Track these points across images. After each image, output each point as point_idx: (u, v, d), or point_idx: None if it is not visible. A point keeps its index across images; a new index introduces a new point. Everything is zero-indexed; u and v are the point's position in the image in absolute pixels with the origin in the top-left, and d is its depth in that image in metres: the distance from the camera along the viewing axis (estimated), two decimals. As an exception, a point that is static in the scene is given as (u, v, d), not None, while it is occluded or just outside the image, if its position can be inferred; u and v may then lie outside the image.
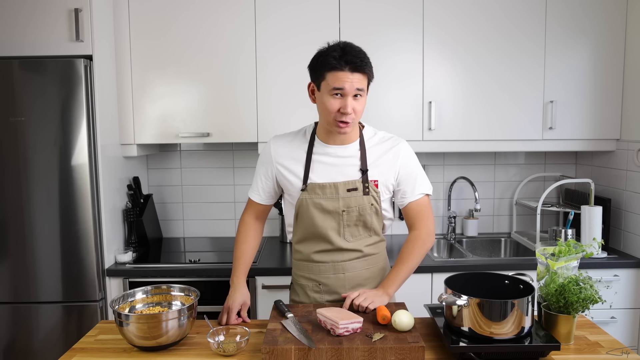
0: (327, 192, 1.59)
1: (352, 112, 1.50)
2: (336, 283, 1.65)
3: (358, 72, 1.48)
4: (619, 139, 2.55)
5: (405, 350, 1.27)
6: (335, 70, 1.47)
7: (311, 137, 1.64)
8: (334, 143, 1.61)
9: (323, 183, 1.59)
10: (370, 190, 1.59)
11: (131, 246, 2.54)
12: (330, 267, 1.64)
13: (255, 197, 1.71)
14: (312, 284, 1.68)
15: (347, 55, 1.47)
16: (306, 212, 1.61)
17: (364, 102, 1.54)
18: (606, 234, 2.53)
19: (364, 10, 2.44)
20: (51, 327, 2.23)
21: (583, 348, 1.40)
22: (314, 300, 1.68)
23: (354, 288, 1.64)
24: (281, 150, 1.65)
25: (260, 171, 1.69)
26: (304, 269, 1.69)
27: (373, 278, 1.69)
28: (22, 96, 2.14)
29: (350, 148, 1.61)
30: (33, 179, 2.17)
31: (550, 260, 1.48)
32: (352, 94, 1.49)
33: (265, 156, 1.68)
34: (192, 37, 2.43)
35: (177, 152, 2.88)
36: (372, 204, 1.60)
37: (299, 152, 1.63)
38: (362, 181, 1.59)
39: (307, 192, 1.60)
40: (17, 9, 2.17)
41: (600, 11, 2.48)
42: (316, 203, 1.59)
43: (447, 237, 2.84)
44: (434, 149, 2.53)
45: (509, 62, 2.49)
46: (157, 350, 1.40)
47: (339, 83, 1.47)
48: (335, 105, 1.50)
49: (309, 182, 1.60)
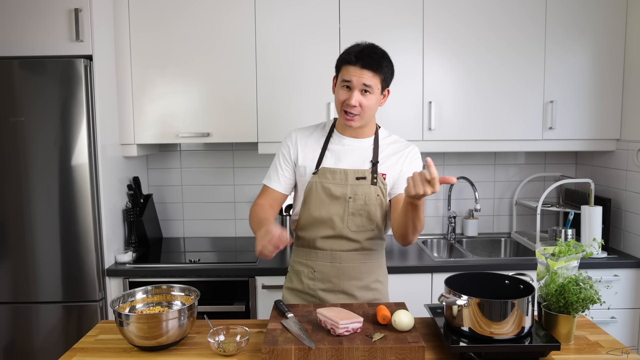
0: (336, 178, 1.65)
1: (356, 104, 1.57)
2: (331, 272, 1.68)
3: (368, 69, 1.56)
4: (619, 139, 2.55)
5: (405, 350, 1.27)
6: (347, 64, 1.58)
7: (330, 129, 1.73)
8: (350, 135, 1.69)
9: (334, 168, 1.66)
10: (378, 181, 1.65)
11: (131, 246, 2.54)
12: (327, 255, 1.68)
13: (273, 184, 1.72)
14: (307, 271, 1.71)
15: (362, 52, 1.57)
16: (315, 195, 1.66)
17: (374, 100, 1.60)
18: (606, 234, 2.53)
19: (364, 10, 2.44)
20: (51, 327, 2.23)
21: (583, 348, 1.40)
22: (307, 287, 1.71)
23: (349, 280, 1.68)
24: (302, 138, 1.73)
25: (280, 158, 1.74)
26: (302, 255, 1.74)
27: (369, 273, 1.72)
28: (22, 96, 2.14)
29: (365, 142, 1.69)
30: (33, 179, 2.17)
31: (550, 260, 1.48)
32: (359, 88, 1.57)
33: (286, 143, 1.74)
34: (192, 37, 2.43)
35: (177, 152, 2.88)
36: (378, 195, 1.65)
37: (318, 140, 1.72)
38: (371, 172, 1.65)
39: (318, 175, 1.66)
40: (17, 9, 2.17)
41: (600, 11, 2.48)
42: (325, 187, 1.65)
43: (447, 237, 2.84)
44: (434, 149, 2.53)
45: (509, 62, 2.49)
46: (157, 350, 1.40)
47: (348, 76, 1.57)
48: (343, 96, 1.59)
49: (321, 167, 1.67)
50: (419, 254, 2.51)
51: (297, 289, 1.74)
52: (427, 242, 2.81)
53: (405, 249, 2.58)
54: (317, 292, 1.70)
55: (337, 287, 1.69)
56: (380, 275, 1.75)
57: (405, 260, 2.41)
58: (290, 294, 1.76)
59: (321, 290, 1.70)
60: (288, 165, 1.72)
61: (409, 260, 2.41)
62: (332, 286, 1.69)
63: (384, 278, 1.79)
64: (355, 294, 1.70)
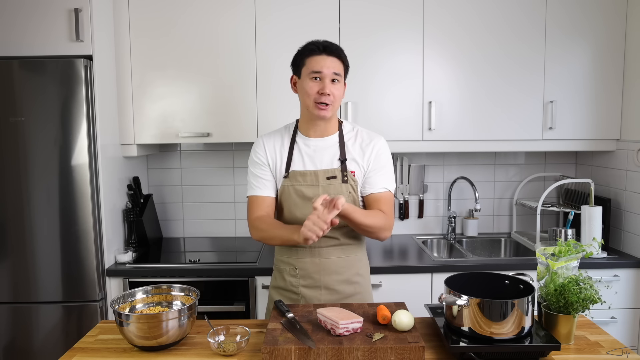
0: (307, 180, 1.67)
1: (330, 93, 1.60)
2: (312, 268, 1.70)
3: (333, 55, 1.61)
4: (619, 139, 2.55)
5: (405, 350, 1.27)
6: (313, 55, 1.61)
7: (293, 131, 1.74)
8: (314, 136, 1.71)
9: (304, 171, 1.68)
10: (349, 179, 1.66)
11: (131, 246, 2.54)
12: (307, 252, 1.70)
13: (259, 191, 1.70)
14: (289, 268, 1.73)
15: (325, 43, 1.63)
16: (287, 198, 1.68)
17: (342, 89, 1.65)
18: (606, 234, 2.53)
19: (364, 10, 2.44)
20: (51, 327, 2.23)
21: (583, 348, 1.40)
22: (289, 284, 1.73)
23: (329, 275, 1.70)
24: (269, 142, 1.74)
25: (255, 166, 1.73)
26: (284, 254, 1.75)
27: (348, 267, 1.73)
28: (22, 96, 2.14)
29: (329, 140, 1.71)
30: (33, 179, 2.17)
31: (550, 260, 1.48)
32: (329, 78, 1.60)
33: (256, 150, 1.75)
34: (192, 37, 2.43)
35: (177, 152, 2.88)
36: (350, 192, 1.67)
37: (284, 143, 1.73)
38: (340, 170, 1.67)
39: (289, 179, 1.68)
40: (17, 9, 2.17)
41: (600, 11, 2.48)
42: (297, 190, 1.67)
43: (447, 237, 2.84)
44: (434, 149, 2.53)
45: (509, 61, 2.49)
46: (158, 350, 1.40)
47: (318, 66, 1.60)
48: (315, 88, 1.61)
49: (290, 170, 1.69)
50: (419, 254, 2.51)
51: (280, 287, 1.76)
52: (427, 242, 2.81)
53: (405, 248, 2.58)
54: (300, 288, 1.71)
55: (318, 282, 1.70)
56: (360, 269, 1.76)
57: (405, 260, 2.41)
58: (275, 292, 1.78)
59: (303, 287, 1.71)
60: (264, 169, 1.71)
61: (409, 260, 2.41)
62: (313, 282, 1.70)
63: (365, 271, 1.80)
64: (337, 288, 1.71)
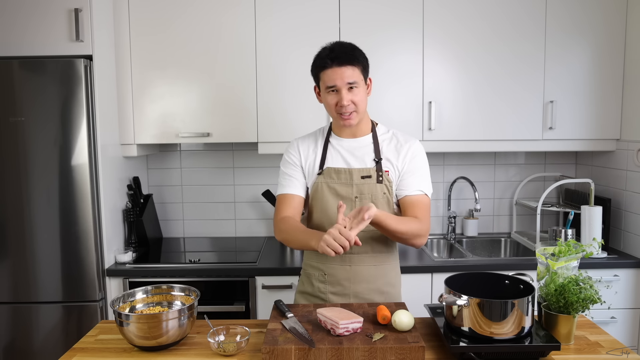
0: (341, 177, 1.64)
1: (349, 103, 1.57)
2: (341, 274, 1.66)
3: (345, 65, 1.55)
4: (619, 139, 2.55)
5: (405, 350, 1.27)
6: (325, 69, 1.58)
7: (327, 132, 1.73)
8: (347, 136, 1.69)
9: (338, 168, 1.65)
10: (383, 179, 1.63)
11: (131, 246, 2.54)
12: (337, 258, 1.61)
13: (288, 190, 1.68)
14: (318, 273, 1.69)
15: (334, 52, 1.57)
16: (321, 196, 1.65)
17: (363, 93, 1.60)
18: (606, 234, 2.53)
19: (364, 10, 2.44)
20: (51, 327, 2.23)
21: (583, 348, 1.40)
22: (317, 290, 1.68)
23: (359, 283, 1.65)
24: (303, 144, 1.73)
25: (287, 165, 1.71)
26: (313, 258, 1.72)
27: (380, 276, 1.68)
28: (22, 96, 2.14)
29: (363, 140, 1.68)
30: (33, 179, 2.17)
31: (550, 260, 1.48)
32: (345, 88, 1.56)
33: (289, 151, 1.73)
34: (192, 37, 2.43)
35: (177, 152, 2.88)
36: (385, 193, 1.63)
37: (318, 144, 1.72)
38: (376, 169, 1.64)
39: (323, 175, 1.66)
40: (17, 9, 2.17)
41: (600, 11, 2.47)
42: (331, 187, 1.65)
43: (447, 237, 2.84)
44: (434, 149, 2.53)
45: (509, 62, 2.49)
46: (157, 350, 1.40)
47: (331, 81, 1.57)
48: (334, 101, 1.59)
49: (325, 167, 1.66)
50: (419, 254, 2.51)
51: (307, 292, 1.71)
52: (427, 242, 2.81)
53: (405, 248, 2.58)
54: (328, 295, 1.67)
55: (347, 290, 1.66)
56: (392, 278, 1.71)
57: (405, 260, 2.41)
58: (302, 297, 1.73)
59: (332, 294, 1.67)
60: (296, 169, 1.69)
61: (409, 260, 2.41)
62: (342, 289, 1.66)
63: (397, 281, 1.74)
64: (366, 297, 1.66)
